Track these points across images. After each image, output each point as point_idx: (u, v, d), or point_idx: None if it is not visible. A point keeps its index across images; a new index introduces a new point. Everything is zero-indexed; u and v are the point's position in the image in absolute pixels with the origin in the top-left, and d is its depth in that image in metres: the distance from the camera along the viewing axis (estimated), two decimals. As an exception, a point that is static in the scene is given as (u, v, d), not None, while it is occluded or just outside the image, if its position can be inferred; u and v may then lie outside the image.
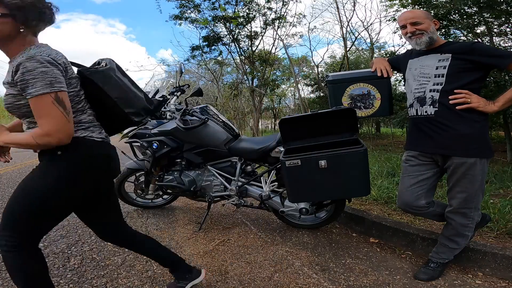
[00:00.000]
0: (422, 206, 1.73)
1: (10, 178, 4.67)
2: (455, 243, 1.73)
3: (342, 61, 12.18)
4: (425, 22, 1.62)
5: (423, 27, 1.61)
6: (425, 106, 1.65)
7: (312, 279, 1.76)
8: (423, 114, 1.66)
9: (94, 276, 1.76)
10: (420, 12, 1.68)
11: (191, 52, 9.49)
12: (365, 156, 1.67)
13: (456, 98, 1.55)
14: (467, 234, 1.71)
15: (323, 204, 2.30)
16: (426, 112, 1.65)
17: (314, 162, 1.67)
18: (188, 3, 8.26)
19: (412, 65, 1.73)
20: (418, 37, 1.63)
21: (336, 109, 1.69)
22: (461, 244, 1.74)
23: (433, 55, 1.64)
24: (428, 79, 1.64)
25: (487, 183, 3.20)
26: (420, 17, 1.63)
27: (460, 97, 1.55)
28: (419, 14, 1.66)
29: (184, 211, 3.03)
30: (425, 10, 1.74)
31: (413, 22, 1.63)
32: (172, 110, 2.65)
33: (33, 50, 1.09)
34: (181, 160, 2.56)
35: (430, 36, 1.62)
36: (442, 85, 1.59)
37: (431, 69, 1.63)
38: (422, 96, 1.66)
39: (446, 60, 1.59)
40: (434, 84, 1.62)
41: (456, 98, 1.55)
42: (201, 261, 1.98)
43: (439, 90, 1.60)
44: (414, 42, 1.66)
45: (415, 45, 1.67)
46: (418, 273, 1.78)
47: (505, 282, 1.69)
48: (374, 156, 5.17)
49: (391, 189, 2.99)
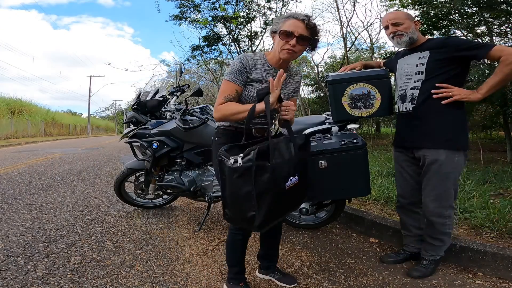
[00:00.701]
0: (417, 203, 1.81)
1: (10, 178, 4.67)
2: (439, 241, 1.76)
3: (342, 61, 12.18)
4: (405, 22, 1.71)
5: (403, 27, 1.71)
6: (406, 103, 1.75)
7: (312, 279, 1.76)
8: (403, 111, 1.77)
9: (94, 276, 1.76)
10: (401, 13, 1.79)
11: (191, 52, 9.50)
12: (365, 156, 1.67)
13: (439, 93, 1.61)
14: (448, 231, 1.75)
15: (323, 204, 2.30)
16: (406, 108, 1.75)
17: (314, 162, 1.67)
18: (188, 3, 8.27)
19: (399, 65, 1.83)
20: (399, 37, 1.72)
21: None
22: (445, 241, 1.77)
23: (414, 54, 1.74)
24: (410, 77, 1.73)
25: (487, 183, 3.21)
26: (400, 18, 1.72)
27: (442, 91, 1.60)
28: (400, 15, 1.75)
29: (184, 211, 3.03)
30: (406, 11, 1.84)
31: (394, 22, 1.72)
32: (172, 110, 2.65)
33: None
34: (181, 160, 2.56)
35: (410, 36, 1.71)
36: (422, 81, 1.67)
37: (412, 67, 1.73)
38: (403, 94, 1.76)
39: (425, 57, 1.68)
40: (415, 81, 1.70)
41: (439, 93, 1.61)
42: (201, 261, 1.98)
43: (419, 87, 1.68)
44: (396, 42, 1.75)
45: (396, 45, 1.78)
46: (411, 271, 1.80)
47: (505, 282, 1.69)
48: (374, 156, 5.17)
49: (391, 189, 2.98)
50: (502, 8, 4.18)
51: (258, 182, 1.14)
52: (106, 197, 3.52)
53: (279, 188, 1.21)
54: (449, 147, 1.62)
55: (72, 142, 15.51)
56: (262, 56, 1.45)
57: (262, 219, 1.18)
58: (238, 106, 1.34)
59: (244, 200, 1.17)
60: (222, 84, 1.41)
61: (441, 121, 1.64)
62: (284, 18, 1.36)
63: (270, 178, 1.16)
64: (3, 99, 20.47)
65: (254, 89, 1.38)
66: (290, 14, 1.36)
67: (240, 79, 1.37)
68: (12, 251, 2.04)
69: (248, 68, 1.38)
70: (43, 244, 2.18)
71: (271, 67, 1.43)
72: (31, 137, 18.68)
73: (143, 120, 2.63)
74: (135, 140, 2.59)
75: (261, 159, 1.16)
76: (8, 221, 2.66)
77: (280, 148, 1.26)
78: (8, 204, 3.20)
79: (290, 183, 1.26)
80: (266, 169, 1.16)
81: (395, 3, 7.72)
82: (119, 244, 2.21)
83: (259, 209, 1.16)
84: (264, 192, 1.16)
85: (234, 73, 1.37)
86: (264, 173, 1.16)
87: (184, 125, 2.41)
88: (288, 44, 1.34)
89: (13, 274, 1.75)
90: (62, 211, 2.97)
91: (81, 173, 5.12)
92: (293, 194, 1.30)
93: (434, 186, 1.68)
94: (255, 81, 1.40)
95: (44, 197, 3.49)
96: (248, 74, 1.38)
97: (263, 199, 1.17)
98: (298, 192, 1.34)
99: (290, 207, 1.38)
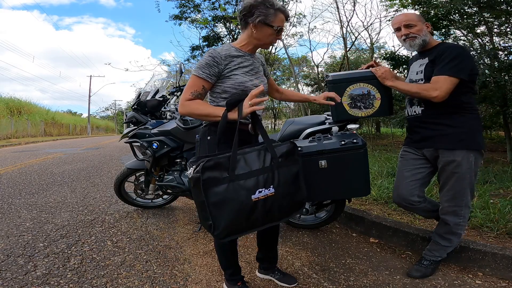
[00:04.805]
0: (415, 201, 1.78)
1: (10, 178, 4.67)
2: (448, 241, 1.75)
3: (342, 61, 12.18)
4: (418, 24, 1.68)
5: (416, 30, 1.67)
6: (414, 107, 1.76)
7: (312, 279, 1.76)
8: (413, 114, 1.77)
9: (94, 276, 1.76)
10: (413, 15, 1.73)
11: (191, 52, 9.51)
12: (365, 156, 1.67)
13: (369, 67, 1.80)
14: (460, 232, 1.74)
15: (323, 204, 2.30)
16: (415, 112, 1.75)
17: (314, 162, 1.66)
18: (188, 3, 8.28)
19: (410, 69, 1.84)
20: (412, 40, 1.69)
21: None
22: (453, 242, 1.76)
23: (418, 60, 1.75)
24: (416, 83, 1.73)
25: (487, 183, 3.21)
26: (413, 20, 1.68)
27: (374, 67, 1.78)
28: (412, 16, 1.71)
29: (184, 211, 3.03)
30: (417, 13, 1.80)
31: (407, 24, 1.68)
32: (172, 110, 2.65)
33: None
34: (181, 160, 2.56)
35: (423, 38, 1.68)
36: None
37: (414, 75, 1.75)
38: (411, 97, 1.77)
39: (423, 65, 1.69)
40: None
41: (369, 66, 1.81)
42: (201, 261, 1.98)
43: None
44: (408, 45, 1.72)
45: (408, 47, 1.75)
46: (411, 271, 1.79)
47: (505, 282, 1.69)
48: (374, 156, 5.17)
49: (391, 189, 2.98)
50: (502, 8, 4.18)
51: (210, 193, 1.15)
52: (106, 197, 3.52)
53: (240, 200, 1.17)
54: (464, 147, 1.60)
55: (72, 142, 15.51)
56: (230, 46, 1.42)
57: (222, 230, 1.17)
58: (207, 108, 1.33)
59: (201, 209, 1.19)
60: (190, 79, 1.37)
61: (454, 122, 1.62)
62: (274, 10, 1.33)
63: (227, 189, 1.16)
64: (2, 99, 20.48)
65: (237, 76, 1.37)
66: (279, 7, 1.34)
67: (207, 73, 1.33)
68: (12, 251, 2.04)
69: (220, 60, 1.34)
70: (43, 244, 2.18)
71: (243, 52, 1.42)
72: (31, 137, 18.68)
73: (143, 120, 2.63)
74: (135, 140, 2.59)
75: (217, 169, 1.16)
76: (8, 221, 2.66)
77: (248, 158, 1.23)
78: (8, 204, 3.20)
79: (260, 195, 1.20)
80: (222, 181, 1.16)
81: (395, 3, 7.72)
82: (119, 244, 2.21)
83: (214, 219, 1.16)
84: (220, 203, 1.15)
85: (202, 67, 1.33)
86: (219, 184, 1.15)
87: (184, 125, 2.41)
88: (277, 38, 1.40)
89: (13, 274, 1.75)
90: (62, 211, 2.97)
91: (81, 173, 5.12)
92: (269, 206, 1.23)
93: (451, 186, 1.67)
94: (236, 69, 1.38)
95: (44, 197, 3.49)
96: (222, 65, 1.34)
97: (219, 210, 1.16)
98: (278, 204, 1.26)
99: (268, 219, 1.27)
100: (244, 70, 1.39)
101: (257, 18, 1.32)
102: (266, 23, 1.33)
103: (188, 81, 1.40)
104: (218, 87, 1.38)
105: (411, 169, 1.79)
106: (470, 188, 1.67)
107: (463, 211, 1.69)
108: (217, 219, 1.16)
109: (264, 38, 1.38)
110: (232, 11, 8.21)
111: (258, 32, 1.36)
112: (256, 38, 1.38)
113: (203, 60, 1.35)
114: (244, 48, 1.43)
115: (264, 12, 1.32)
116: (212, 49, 1.40)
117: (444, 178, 1.69)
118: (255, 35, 1.37)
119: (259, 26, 1.35)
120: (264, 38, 1.38)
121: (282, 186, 1.26)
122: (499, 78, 3.95)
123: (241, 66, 1.39)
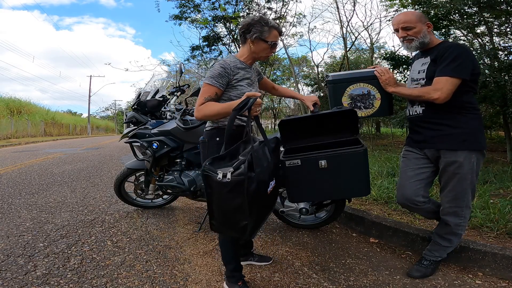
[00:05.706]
0: (420, 202, 1.75)
1: (10, 178, 4.67)
2: (448, 241, 1.75)
3: (342, 61, 12.18)
4: (417, 26, 1.64)
5: (413, 32, 1.65)
6: (415, 106, 1.75)
7: (312, 279, 1.76)
8: (414, 114, 1.76)
9: (94, 276, 1.76)
10: (412, 15, 1.68)
11: (191, 52, 9.51)
12: (365, 156, 1.66)
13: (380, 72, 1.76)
14: (460, 233, 1.74)
15: (323, 204, 2.30)
16: (416, 111, 1.74)
17: (314, 162, 1.66)
18: (188, 3, 8.27)
19: (411, 68, 1.83)
20: (408, 42, 1.69)
21: (338, 110, 1.69)
22: (453, 242, 1.76)
23: (420, 59, 1.74)
24: (417, 83, 1.73)
25: (487, 183, 3.21)
26: (412, 21, 1.65)
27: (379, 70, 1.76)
28: (411, 17, 1.66)
29: (184, 211, 3.03)
30: (419, 12, 1.75)
31: (404, 27, 1.66)
32: (172, 110, 2.65)
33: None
34: (181, 160, 2.56)
35: (421, 41, 1.66)
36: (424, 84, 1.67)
37: (416, 73, 1.73)
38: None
39: (425, 64, 1.68)
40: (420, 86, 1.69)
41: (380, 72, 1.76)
42: (201, 261, 1.98)
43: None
44: (405, 46, 1.73)
45: (406, 49, 1.76)
46: (411, 271, 1.79)
47: (505, 282, 1.69)
48: (374, 156, 5.17)
49: (391, 189, 2.99)
50: (502, 8, 4.18)
51: (249, 194, 1.17)
52: (106, 197, 3.52)
53: (264, 195, 1.29)
54: (466, 148, 1.59)
55: (72, 142, 15.51)
56: (235, 58, 1.59)
57: (253, 226, 1.24)
58: (219, 105, 1.45)
59: (236, 212, 1.20)
60: (203, 87, 1.50)
61: (455, 122, 1.61)
62: (268, 27, 1.51)
63: (256, 187, 1.21)
64: (3, 99, 20.47)
65: (242, 87, 1.53)
66: (272, 24, 1.54)
67: (220, 82, 1.48)
68: (12, 251, 2.04)
69: (230, 71, 1.50)
70: (43, 244, 2.18)
71: (245, 65, 1.59)
72: (31, 137, 18.68)
73: (143, 120, 2.63)
74: (135, 140, 2.59)
75: (250, 170, 1.20)
76: (8, 221, 2.66)
77: (259, 155, 1.32)
78: (8, 204, 3.20)
79: (271, 187, 1.35)
80: (253, 180, 1.20)
81: (395, 3, 7.72)
82: (119, 244, 2.21)
83: (251, 218, 1.20)
84: (253, 202, 1.20)
85: (215, 77, 1.47)
86: (251, 184, 1.19)
87: (184, 125, 2.41)
88: (272, 52, 1.58)
89: (13, 274, 1.75)
90: (62, 211, 2.97)
91: (81, 173, 5.12)
92: (272, 196, 1.41)
93: (453, 187, 1.66)
94: (241, 80, 1.54)
95: (44, 197, 3.49)
96: (231, 76, 1.50)
97: (253, 208, 1.21)
98: (275, 193, 1.48)
99: (270, 208, 1.48)
100: (246, 81, 1.56)
101: (254, 35, 1.51)
102: (261, 39, 1.52)
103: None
104: (225, 95, 1.53)
105: (415, 168, 1.77)
106: (471, 188, 1.66)
107: (464, 212, 1.68)
108: (252, 217, 1.22)
109: (260, 51, 1.57)
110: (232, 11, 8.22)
111: (255, 46, 1.55)
112: (254, 52, 1.57)
113: (216, 70, 1.49)
114: (246, 61, 1.61)
115: (259, 29, 1.51)
116: (223, 60, 1.56)
117: (446, 178, 1.68)
118: (253, 49, 1.56)
119: (255, 41, 1.54)
120: (260, 51, 1.57)
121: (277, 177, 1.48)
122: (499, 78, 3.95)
123: (245, 77, 1.56)
